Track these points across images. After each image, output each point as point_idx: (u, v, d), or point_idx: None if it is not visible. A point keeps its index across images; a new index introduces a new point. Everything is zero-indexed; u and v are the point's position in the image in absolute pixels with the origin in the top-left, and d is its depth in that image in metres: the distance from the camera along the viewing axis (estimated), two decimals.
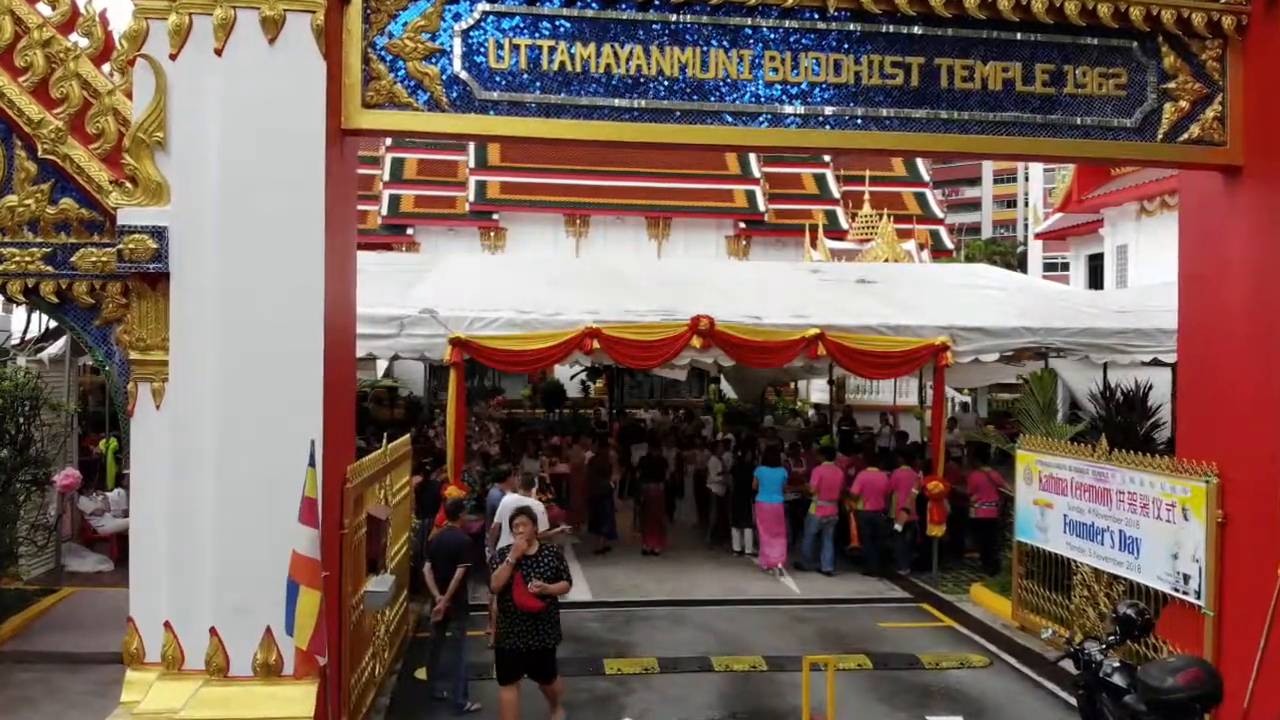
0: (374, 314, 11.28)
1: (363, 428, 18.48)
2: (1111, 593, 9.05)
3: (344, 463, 6.69)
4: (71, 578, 11.63)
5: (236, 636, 6.08)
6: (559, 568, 7.05)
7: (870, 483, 12.49)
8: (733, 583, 12.05)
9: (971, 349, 12.22)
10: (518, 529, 7.00)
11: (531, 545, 7.02)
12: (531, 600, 6.81)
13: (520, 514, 7.11)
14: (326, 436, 6.12)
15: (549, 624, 7.02)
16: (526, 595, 6.80)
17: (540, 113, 6.61)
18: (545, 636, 7.00)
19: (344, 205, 6.73)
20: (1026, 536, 10.36)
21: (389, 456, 8.25)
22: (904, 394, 25.59)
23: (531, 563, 6.94)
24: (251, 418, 6.04)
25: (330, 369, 6.25)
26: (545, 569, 6.94)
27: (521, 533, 6.95)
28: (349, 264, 7.00)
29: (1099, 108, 7.36)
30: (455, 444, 11.04)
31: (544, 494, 12.35)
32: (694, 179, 33.82)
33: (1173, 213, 23.43)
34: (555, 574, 6.98)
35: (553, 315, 11.64)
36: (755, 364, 12.97)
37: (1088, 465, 9.34)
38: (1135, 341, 12.76)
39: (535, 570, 6.89)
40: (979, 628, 10.53)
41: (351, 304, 7.13)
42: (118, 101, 6.52)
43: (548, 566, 6.98)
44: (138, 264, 6.13)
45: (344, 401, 6.80)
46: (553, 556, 7.11)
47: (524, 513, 7.16)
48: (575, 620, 10.28)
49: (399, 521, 9.22)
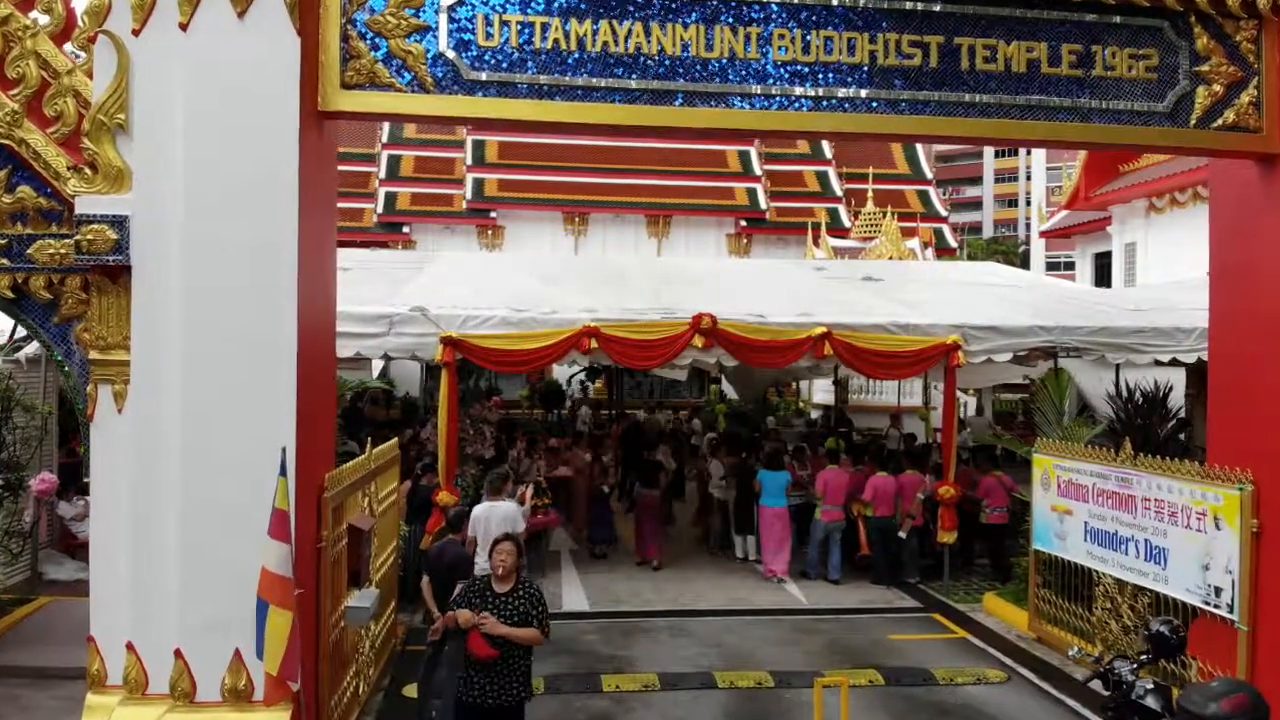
0: (362, 312, 10.85)
1: (357, 428, 18.15)
2: (1136, 605, 8.60)
3: (322, 470, 6.24)
4: (50, 586, 11.17)
5: (203, 659, 5.63)
6: (531, 613, 5.72)
7: (881, 487, 12.03)
8: (736, 591, 11.59)
9: (983, 349, 11.76)
10: (498, 559, 5.83)
11: (507, 580, 5.80)
12: (484, 645, 5.56)
13: (503, 541, 5.93)
14: (301, 443, 5.66)
15: (512, 676, 5.70)
16: (480, 639, 5.58)
17: (532, 94, 6.15)
18: (506, 691, 5.69)
19: (322, 194, 6.28)
20: (1044, 544, 9.91)
21: (374, 462, 7.80)
22: (908, 394, 25.19)
23: (500, 602, 5.71)
24: (219, 423, 5.59)
25: (306, 370, 5.80)
26: (513, 612, 5.69)
27: (502, 562, 5.79)
28: (328, 258, 6.54)
29: (1129, 91, 6.92)
30: (447, 447, 10.58)
31: (541, 499, 11.93)
32: (694, 176, 33.40)
33: (1183, 209, 23.03)
34: (524, 619, 5.68)
35: (549, 314, 11.19)
36: (759, 364, 12.51)
37: (1110, 470, 8.89)
38: (1153, 341, 12.30)
39: (503, 612, 5.65)
40: (994, 639, 10.08)
41: (331, 301, 6.68)
42: (78, 82, 6.08)
43: (516, 610, 5.70)
44: (96, 256, 5.68)
45: (322, 405, 6.34)
46: (527, 599, 5.77)
47: (509, 540, 5.98)
48: (573, 632, 9.84)
49: (385, 530, 8.77)
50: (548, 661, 8.91)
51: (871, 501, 12.05)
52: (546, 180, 32.54)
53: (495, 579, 5.82)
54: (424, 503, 10.64)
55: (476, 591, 5.80)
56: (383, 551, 8.56)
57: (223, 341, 5.61)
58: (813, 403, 27.91)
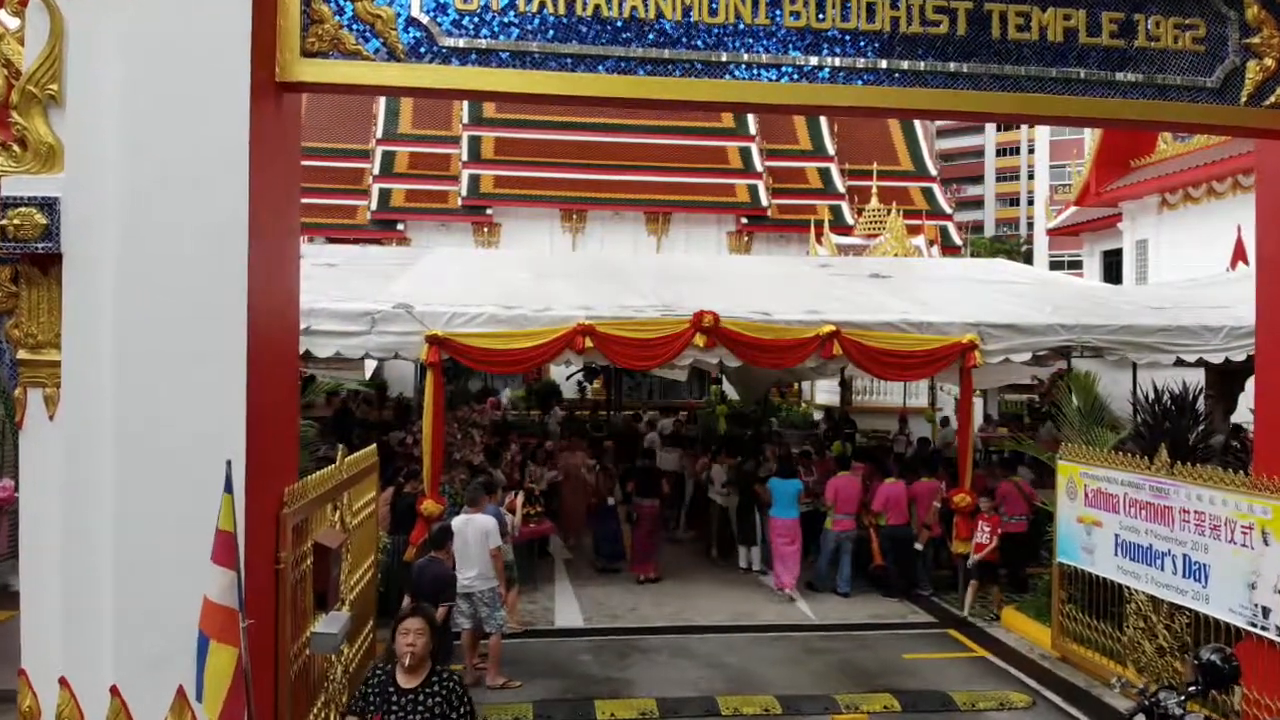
0: (343, 309, 10.21)
1: (347, 431, 17.50)
2: (1173, 625, 7.97)
3: (282, 482, 5.59)
4: (15, 599, 10.51)
5: (143, 697, 4.97)
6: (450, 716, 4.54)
7: (892, 495, 11.37)
8: (740, 605, 10.94)
9: (1001, 348, 11.11)
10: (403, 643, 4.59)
11: (417, 672, 4.60)
12: None
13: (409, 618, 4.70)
14: (253, 453, 5.02)
15: None
16: None
17: (515, 63, 5.50)
18: None
19: (281, 175, 5.63)
20: (1069, 558, 9.27)
21: (346, 471, 7.16)
22: (914, 396, 24.57)
23: (407, 702, 4.53)
24: (158, 431, 4.93)
25: (261, 370, 5.15)
26: (424, 714, 4.51)
27: (409, 647, 4.58)
28: (289, 245, 5.89)
29: (1174, 64, 6.28)
30: (433, 453, 9.94)
31: (532, 506, 11.31)
32: (694, 173, 32.75)
33: (1198, 205, 22.40)
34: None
35: (541, 311, 10.54)
36: (764, 365, 11.83)
37: (1144, 479, 8.25)
38: (1179, 340, 11.66)
39: (411, 714, 4.50)
40: (1015, 659, 9.44)
41: (293, 293, 6.02)
42: (9, 50, 5.41)
43: (428, 712, 4.51)
44: (24, 243, 5.02)
45: (281, 411, 5.69)
46: (444, 698, 4.56)
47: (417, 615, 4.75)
48: (566, 652, 9.21)
49: (363, 544, 8.13)
50: (537, 685, 8.30)
51: (883, 511, 11.40)
52: (543, 177, 31.88)
53: (401, 669, 4.62)
54: (408, 512, 10.00)
55: (376, 686, 4.65)
56: (360, 566, 7.92)
57: (163, 339, 4.95)
58: (815, 404, 27.29)
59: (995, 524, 10.71)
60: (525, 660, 8.90)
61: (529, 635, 9.62)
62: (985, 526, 10.75)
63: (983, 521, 10.76)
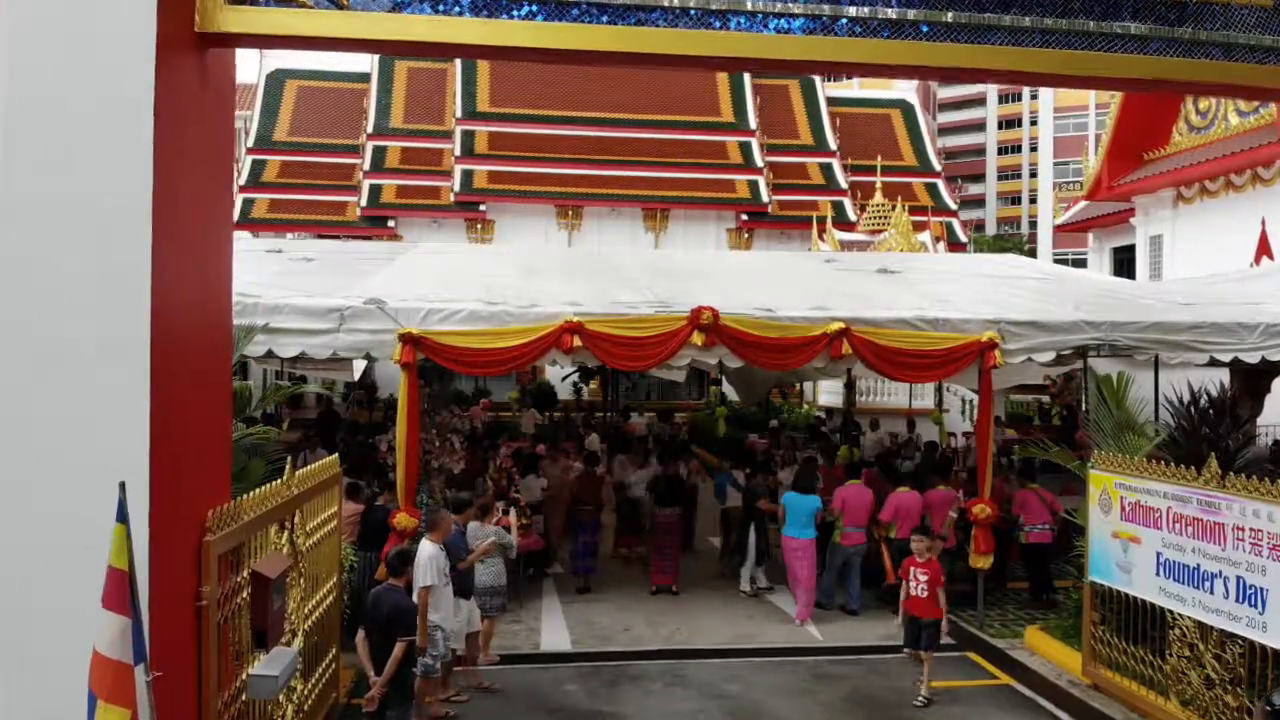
0: (309, 305, 9.40)
1: (332, 434, 16.66)
2: (1224, 655, 7.15)
3: (204, 505, 4.76)
4: None
5: None
6: None
7: (904, 506, 10.53)
8: (742, 625, 10.11)
9: (1023, 347, 10.28)
10: None
11: None
12: None
13: None
14: (160, 472, 4.19)
15: None
16: None
17: (479, 10, 4.68)
18: None
19: (203, 147, 4.81)
20: (1103, 576, 8.44)
21: (299, 485, 6.34)
22: (919, 397, 23.76)
23: None
24: (32, 448, 4.10)
25: (172, 375, 4.33)
26: None
27: None
28: (216, 227, 5.06)
29: (1241, 20, 5.47)
30: (406, 462, 9.12)
31: (520, 519, 10.47)
32: (693, 168, 31.95)
33: (1215, 199, 21.58)
34: None
35: (527, 307, 9.71)
36: (768, 365, 10.99)
37: (1191, 492, 7.42)
38: (1212, 338, 10.85)
39: None
40: (1043, 686, 8.62)
41: (222, 282, 5.19)
42: None
43: None
44: None
45: (206, 420, 4.87)
46: None
47: None
48: (551, 681, 8.39)
49: (325, 564, 7.32)
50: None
51: (893, 522, 10.57)
52: (538, 172, 31.10)
53: None
54: (380, 526, 9.17)
55: None
56: (319, 590, 7.11)
57: (42, 334, 4.12)
58: (817, 405, 26.49)
59: (934, 572, 8.21)
60: (505, 690, 8.10)
61: (509, 662, 8.80)
62: (920, 575, 8.20)
63: (915, 568, 8.25)
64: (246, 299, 9.31)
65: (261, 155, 31.93)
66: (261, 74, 33.89)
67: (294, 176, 31.50)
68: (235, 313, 9.12)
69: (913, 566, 8.30)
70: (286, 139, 32.49)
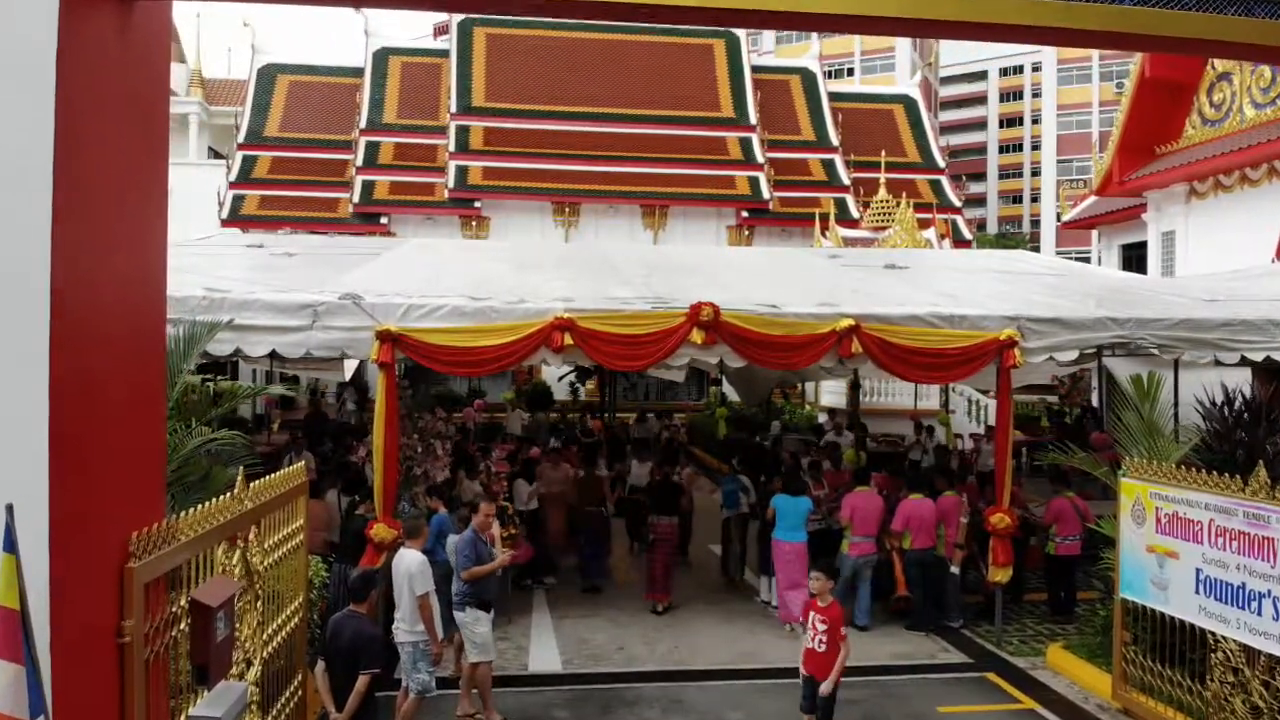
0: (280, 301, 8.78)
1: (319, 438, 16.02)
2: (1274, 682, 6.52)
3: (126, 527, 4.12)
4: None
5: None
6: None
7: (916, 514, 9.91)
8: (745, 643, 9.47)
9: (1044, 345, 9.66)
10: None
11: None
12: None
13: None
14: (64, 489, 3.56)
15: None
16: None
17: None
18: None
19: (126, 111, 4.17)
20: (1136, 594, 7.81)
21: (254, 499, 5.70)
22: (925, 397, 23.16)
23: None
24: None
25: (82, 374, 3.70)
26: None
27: None
28: (145, 208, 4.42)
29: None
30: (385, 469, 8.49)
31: (510, 528, 9.86)
32: (692, 164, 31.31)
33: (1230, 193, 20.93)
34: None
35: (514, 303, 9.08)
36: (772, 365, 10.36)
37: (1237, 504, 6.80)
38: (1242, 336, 10.21)
39: None
40: (1069, 711, 8.01)
41: (154, 273, 4.53)
42: None
43: None
44: None
45: (131, 427, 4.23)
46: None
47: None
48: (540, 705, 7.78)
49: (289, 582, 6.68)
50: None
51: (906, 532, 9.95)
52: (535, 168, 30.45)
53: None
54: (357, 538, 8.55)
55: None
56: (281, 613, 6.47)
57: None
58: (819, 405, 25.88)
59: (834, 619, 6.69)
60: None
61: (495, 684, 8.14)
62: (819, 623, 6.67)
63: (815, 613, 6.75)
64: (214, 294, 8.71)
65: (253, 151, 31.30)
66: (253, 69, 33.27)
67: (286, 172, 30.87)
68: (201, 308, 8.60)
69: (812, 610, 6.80)
70: (278, 134, 31.85)
